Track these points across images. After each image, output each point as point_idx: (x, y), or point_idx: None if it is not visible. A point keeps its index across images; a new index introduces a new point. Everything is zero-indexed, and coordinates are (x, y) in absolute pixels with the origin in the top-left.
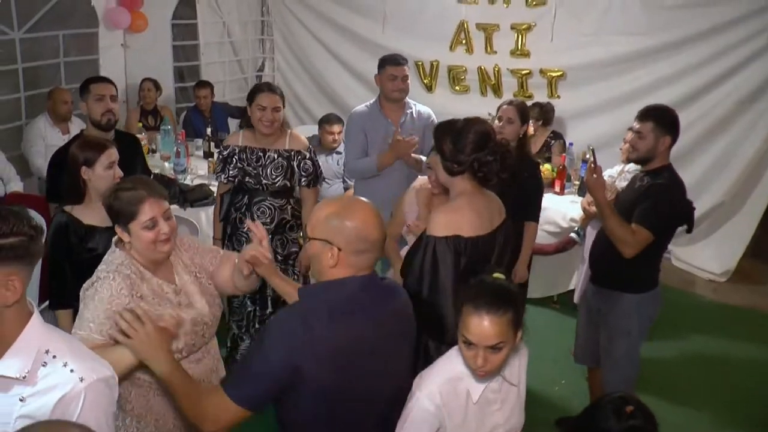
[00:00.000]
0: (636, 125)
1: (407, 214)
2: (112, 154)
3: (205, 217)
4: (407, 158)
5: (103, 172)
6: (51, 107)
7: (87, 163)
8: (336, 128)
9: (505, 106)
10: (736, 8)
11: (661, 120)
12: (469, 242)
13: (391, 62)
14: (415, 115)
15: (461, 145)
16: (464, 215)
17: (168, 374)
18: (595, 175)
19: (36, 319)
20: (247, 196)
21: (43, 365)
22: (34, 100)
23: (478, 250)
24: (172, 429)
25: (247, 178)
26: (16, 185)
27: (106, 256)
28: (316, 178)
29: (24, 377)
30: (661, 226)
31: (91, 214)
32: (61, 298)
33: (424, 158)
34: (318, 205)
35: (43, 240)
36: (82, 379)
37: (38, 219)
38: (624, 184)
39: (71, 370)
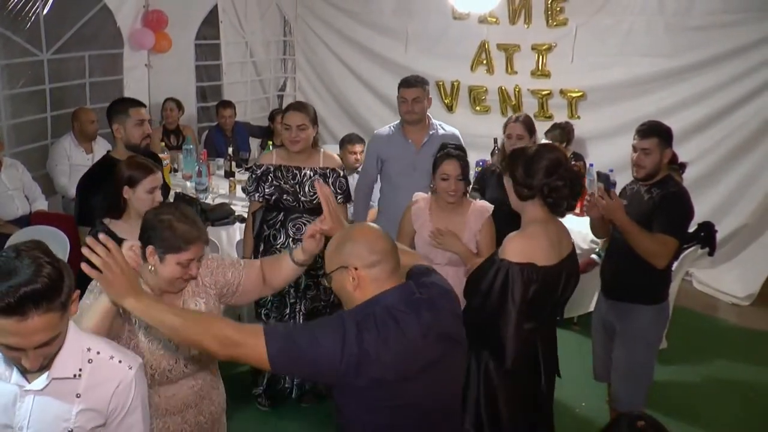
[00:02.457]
0: (641, 143)
1: (419, 225)
2: (157, 179)
3: (225, 236)
4: None
5: (143, 195)
6: (78, 127)
7: (130, 182)
8: (358, 148)
9: (512, 123)
10: (759, 29)
11: (663, 134)
12: (541, 271)
13: (402, 84)
14: (439, 136)
15: (533, 170)
16: (539, 244)
17: (141, 301)
18: (612, 200)
19: (72, 324)
20: (282, 214)
21: (89, 362)
22: (59, 120)
23: (548, 280)
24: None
25: (284, 196)
26: (41, 204)
27: None
28: (349, 194)
29: (78, 375)
30: (684, 232)
31: (129, 230)
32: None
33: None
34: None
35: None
36: (130, 367)
37: (61, 237)
38: None
39: (119, 361)
